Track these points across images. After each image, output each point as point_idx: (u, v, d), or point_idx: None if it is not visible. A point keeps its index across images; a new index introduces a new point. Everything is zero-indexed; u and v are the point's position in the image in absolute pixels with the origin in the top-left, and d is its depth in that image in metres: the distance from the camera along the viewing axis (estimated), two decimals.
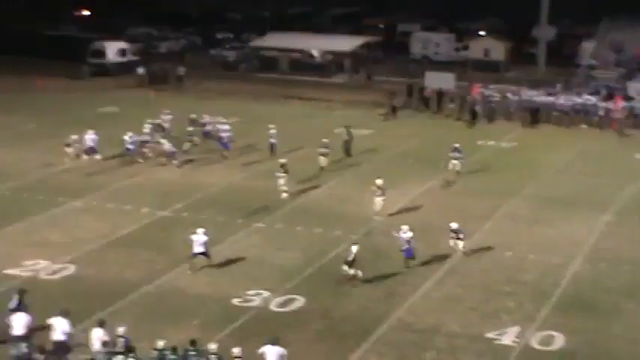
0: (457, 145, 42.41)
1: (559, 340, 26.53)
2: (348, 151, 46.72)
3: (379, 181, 36.00)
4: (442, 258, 32.58)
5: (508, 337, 26.74)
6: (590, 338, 26.73)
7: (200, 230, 30.85)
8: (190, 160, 45.06)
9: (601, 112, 56.11)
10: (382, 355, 25.63)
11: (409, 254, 31.36)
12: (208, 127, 48.59)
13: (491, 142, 51.52)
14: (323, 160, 43.37)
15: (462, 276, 31.18)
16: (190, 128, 48.07)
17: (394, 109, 58.28)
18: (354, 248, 30.03)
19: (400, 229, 31.41)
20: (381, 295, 29.61)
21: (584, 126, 55.97)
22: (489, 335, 26.83)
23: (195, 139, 47.18)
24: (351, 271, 29.91)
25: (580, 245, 34.25)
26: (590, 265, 32.17)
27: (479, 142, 51.20)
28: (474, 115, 57.07)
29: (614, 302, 29.07)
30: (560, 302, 29.18)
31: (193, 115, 49.87)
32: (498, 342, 26.46)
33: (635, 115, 56.00)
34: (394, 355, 25.59)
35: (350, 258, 29.90)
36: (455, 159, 41.97)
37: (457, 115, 58.32)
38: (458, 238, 32.28)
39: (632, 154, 48.93)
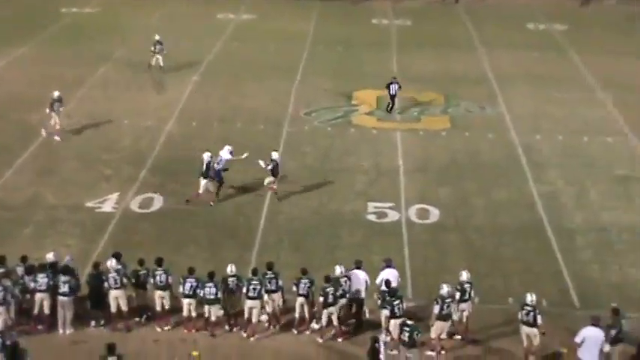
0: (158, 37, 39.56)
1: (157, 202, 27.29)
2: None
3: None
4: (33, 135, 31.77)
5: (108, 204, 26.96)
6: (185, 197, 27.71)
7: None
8: None
9: None
10: None
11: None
12: None
13: (75, 9, 50.24)
14: None
15: (56, 149, 30.61)
16: None
17: None
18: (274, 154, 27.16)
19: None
20: None
21: None
22: (89, 204, 26.87)
23: None
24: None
25: (172, 107, 35.01)
26: (182, 125, 33.06)
27: (63, 10, 49.75)
28: None
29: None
30: (157, 164, 29.86)
31: None
32: (99, 210, 26.61)
33: None
34: None
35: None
36: (157, 52, 39.06)
37: None
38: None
39: (215, 15, 50.40)
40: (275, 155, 27.29)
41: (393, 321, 19.85)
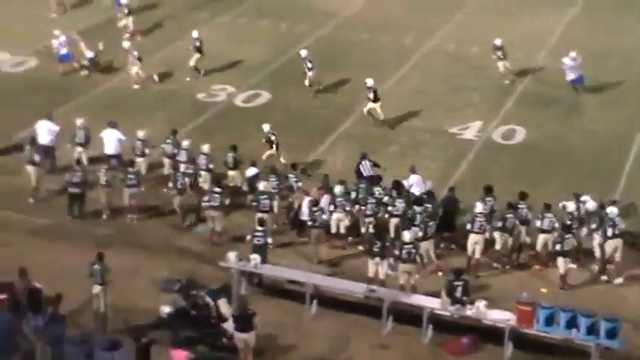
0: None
1: (520, 134, 26.93)
2: None
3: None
4: (406, 53, 32.44)
5: (470, 131, 27.08)
6: (551, 132, 27.13)
7: None
8: None
9: None
10: (347, 147, 25.91)
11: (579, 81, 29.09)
12: None
13: None
14: None
15: (427, 71, 31.10)
16: None
17: None
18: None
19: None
20: (345, 89, 29.55)
21: None
22: (452, 130, 27.15)
23: None
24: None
25: (546, 39, 33.94)
26: (554, 59, 32.00)
27: None
28: None
29: (575, 96, 29.25)
30: (523, 97, 29.36)
31: None
32: (460, 136, 26.82)
33: None
34: (357, 147, 25.31)
35: None
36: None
37: None
38: (500, 58, 29.69)
39: None
40: None
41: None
